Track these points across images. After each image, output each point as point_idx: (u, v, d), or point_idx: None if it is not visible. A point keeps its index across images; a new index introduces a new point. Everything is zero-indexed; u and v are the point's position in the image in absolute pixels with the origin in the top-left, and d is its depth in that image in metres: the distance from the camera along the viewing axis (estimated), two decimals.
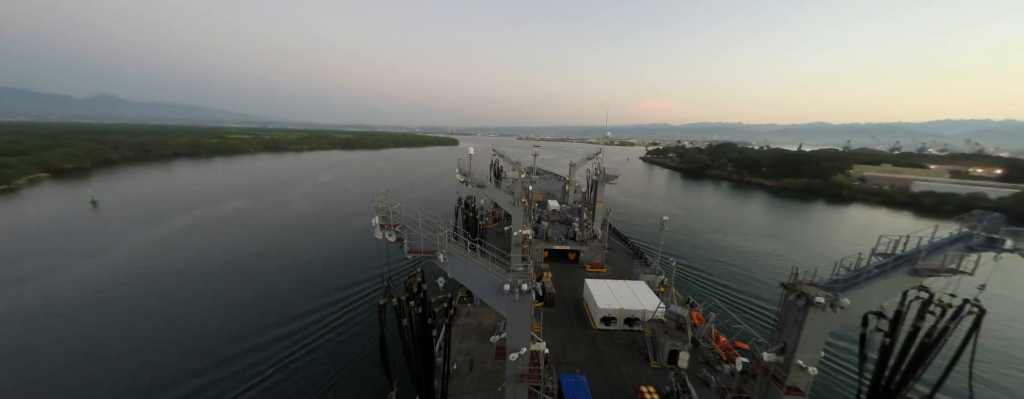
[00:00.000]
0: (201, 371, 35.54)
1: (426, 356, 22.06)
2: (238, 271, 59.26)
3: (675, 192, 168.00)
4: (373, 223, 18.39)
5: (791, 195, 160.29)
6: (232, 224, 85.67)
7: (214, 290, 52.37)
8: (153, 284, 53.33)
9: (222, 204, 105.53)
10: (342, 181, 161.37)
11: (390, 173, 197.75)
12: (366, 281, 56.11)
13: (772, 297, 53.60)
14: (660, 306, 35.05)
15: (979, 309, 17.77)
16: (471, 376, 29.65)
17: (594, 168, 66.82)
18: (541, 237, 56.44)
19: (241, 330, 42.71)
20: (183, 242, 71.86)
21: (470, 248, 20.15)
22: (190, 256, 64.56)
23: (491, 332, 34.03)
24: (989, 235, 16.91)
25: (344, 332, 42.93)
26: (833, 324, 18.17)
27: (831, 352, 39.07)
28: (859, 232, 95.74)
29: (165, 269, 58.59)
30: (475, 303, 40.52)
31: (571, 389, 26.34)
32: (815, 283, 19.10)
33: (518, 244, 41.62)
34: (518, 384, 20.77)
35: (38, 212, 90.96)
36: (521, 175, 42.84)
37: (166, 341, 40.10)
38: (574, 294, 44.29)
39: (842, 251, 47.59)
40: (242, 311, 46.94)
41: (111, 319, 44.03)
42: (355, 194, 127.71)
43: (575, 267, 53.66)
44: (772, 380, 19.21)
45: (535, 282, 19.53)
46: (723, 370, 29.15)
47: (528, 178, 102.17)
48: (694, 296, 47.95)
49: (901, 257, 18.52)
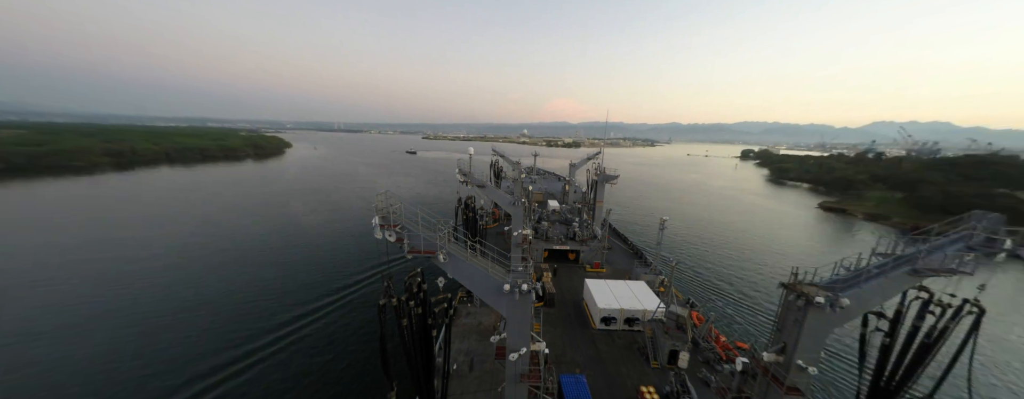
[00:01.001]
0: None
1: (426, 356, 22.06)
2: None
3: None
4: (373, 223, 18.39)
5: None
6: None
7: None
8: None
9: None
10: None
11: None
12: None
13: (772, 297, 53.65)
14: (660, 306, 35.04)
15: (979, 309, 17.79)
16: (471, 376, 29.64)
17: (594, 168, 66.85)
18: (541, 237, 56.45)
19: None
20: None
21: (470, 248, 20.15)
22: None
23: (491, 332, 34.01)
24: (989, 235, 16.92)
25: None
26: (833, 324, 18.16)
27: (831, 352, 39.10)
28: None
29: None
30: (475, 303, 40.50)
31: (571, 389, 26.33)
32: (815, 283, 19.09)
33: (518, 244, 41.64)
34: (518, 384, 20.75)
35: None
36: (521, 175, 42.89)
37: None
38: (574, 294, 44.29)
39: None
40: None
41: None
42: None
43: (575, 267, 53.67)
44: (772, 380, 19.20)
45: (535, 282, 19.52)
46: (723, 370, 29.15)
47: (528, 178, 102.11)
48: (694, 296, 48.00)
49: (901, 257, 18.52)
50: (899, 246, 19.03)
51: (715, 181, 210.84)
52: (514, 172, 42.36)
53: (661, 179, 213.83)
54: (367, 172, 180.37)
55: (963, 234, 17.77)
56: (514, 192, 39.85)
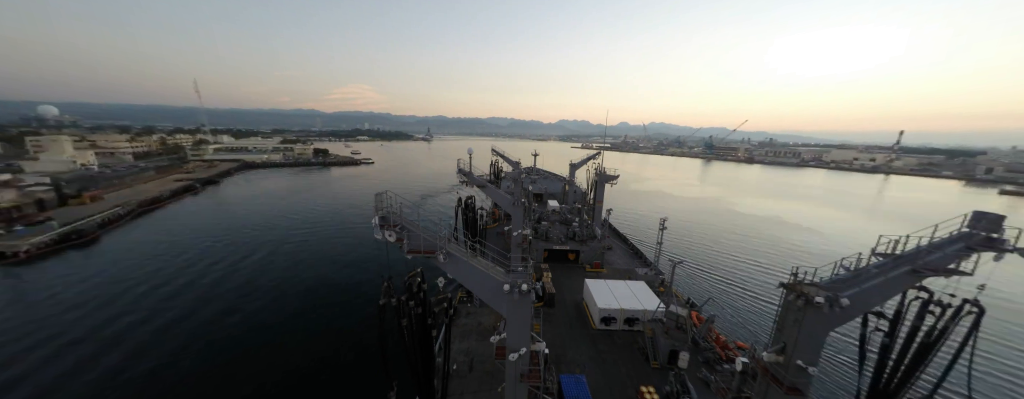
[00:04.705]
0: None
1: (426, 356, 22.07)
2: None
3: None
4: (373, 223, 18.38)
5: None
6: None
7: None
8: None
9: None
10: None
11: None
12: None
13: (772, 297, 53.62)
14: (660, 306, 35.04)
15: (979, 309, 17.78)
16: (471, 376, 29.65)
17: (594, 168, 66.80)
18: (541, 237, 56.44)
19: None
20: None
21: (470, 248, 20.13)
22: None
23: (491, 332, 33.97)
24: (989, 235, 16.90)
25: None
26: (833, 324, 18.14)
27: (831, 352, 39.09)
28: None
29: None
30: (475, 303, 40.50)
31: (571, 389, 26.32)
32: (815, 283, 19.07)
33: (518, 244, 41.63)
34: (518, 384, 20.75)
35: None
36: (521, 175, 42.91)
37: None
38: (574, 294, 44.29)
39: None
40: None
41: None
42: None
43: (575, 267, 53.65)
44: (772, 380, 19.17)
45: (535, 282, 19.51)
46: (723, 370, 29.17)
47: (528, 178, 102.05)
48: (694, 296, 47.99)
49: (901, 257, 18.49)
50: (899, 246, 19.02)
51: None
52: (514, 172, 42.52)
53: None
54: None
55: (963, 234, 17.75)
56: (514, 192, 39.85)
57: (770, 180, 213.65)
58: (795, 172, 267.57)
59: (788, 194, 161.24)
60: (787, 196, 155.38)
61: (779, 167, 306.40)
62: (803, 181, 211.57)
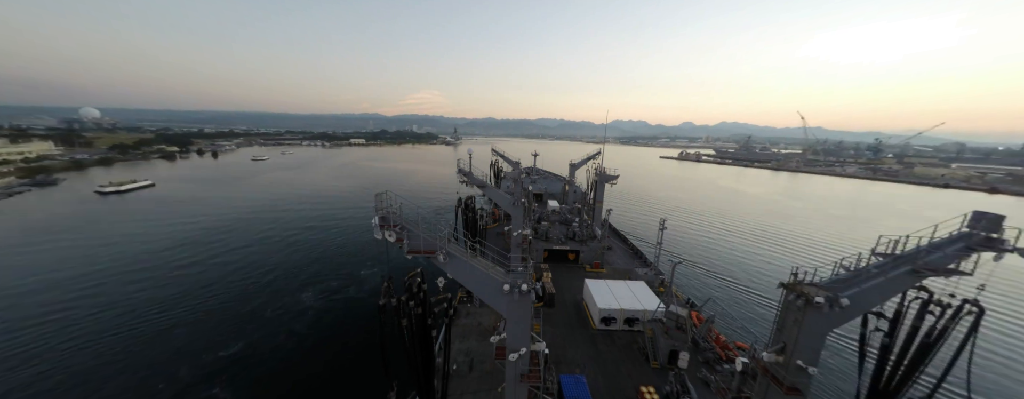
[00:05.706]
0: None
1: (426, 356, 22.06)
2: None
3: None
4: (373, 223, 18.37)
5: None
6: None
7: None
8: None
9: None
10: None
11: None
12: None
13: (772, 297, 53.60)
14: (660, 306, 35.03)
15: (978, 309, 17.78)
16: (471, 376, 29.64)
17: (594, 168, 66.77)
18: (541, 237, 56.42)
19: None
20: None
21: (470, 248, 20.12)
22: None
23: (491, 332, 33.98)
24: (989, 235, 16.89)
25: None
26: (833, 324, 18.15)
27: (831, 352, 39.07)
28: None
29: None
30: (475, 303, 40.49)
31: (571, 389, 26.32)
32: (815, 283, 19.07)
33: (518, 244, 41.62)
34: (518, 384, 20.75)
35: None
36: (521, 175, 42.90)
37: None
38: (574, 294, 44.28)
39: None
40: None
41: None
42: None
43: (575, 267, 53.64)
44: (772, 380, 19.18)
45: (535, 282, 19.49)
46: (723, 370, 29.16)
47: (528, 178, 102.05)
48: (694, 296, 47.99)
49: (901, 257, 18.49)
50: (899, 246, 19.02)
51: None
52: (514, 172, 42.62)
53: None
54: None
55: (963, 234, 17.75)
56: (514, 192, 39.85)
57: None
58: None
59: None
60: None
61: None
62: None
